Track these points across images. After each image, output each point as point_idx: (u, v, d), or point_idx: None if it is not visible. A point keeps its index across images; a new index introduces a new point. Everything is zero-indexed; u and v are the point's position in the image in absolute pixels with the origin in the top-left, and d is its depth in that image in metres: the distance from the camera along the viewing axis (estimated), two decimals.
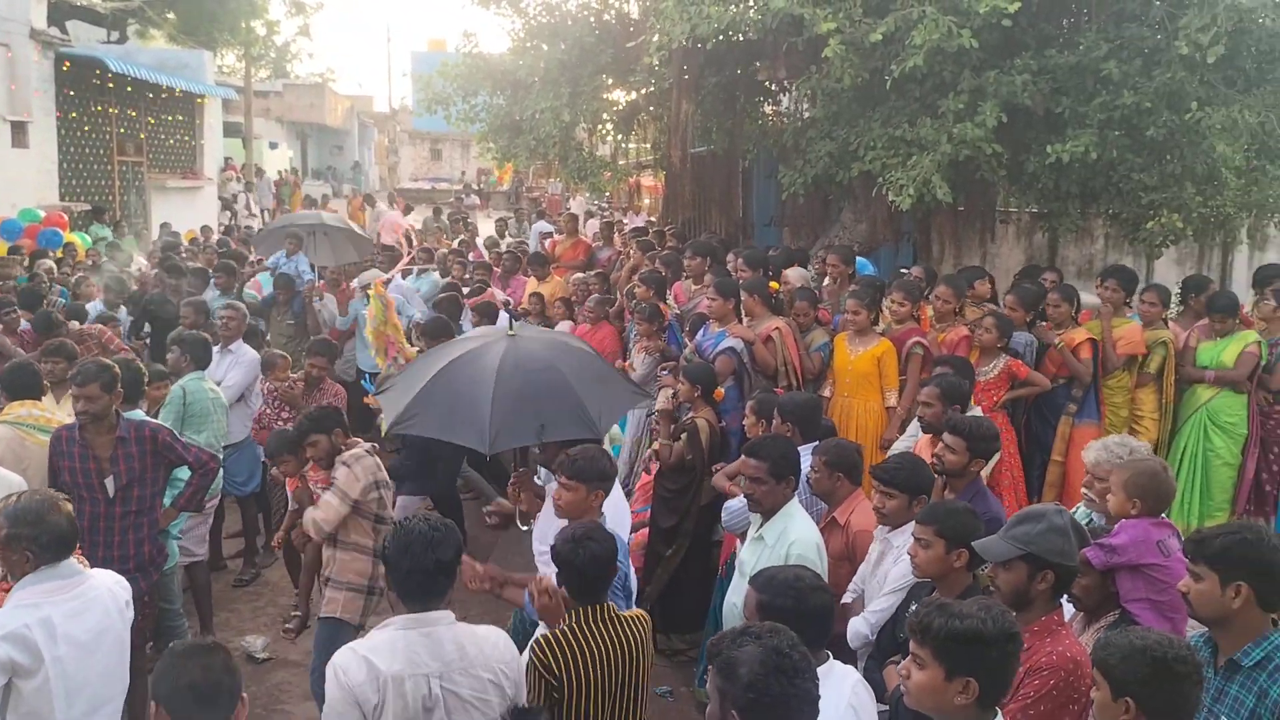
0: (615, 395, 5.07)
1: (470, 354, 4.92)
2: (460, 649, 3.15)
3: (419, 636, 3.11)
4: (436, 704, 3.08)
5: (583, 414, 4.63)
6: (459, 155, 49.74)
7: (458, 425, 4.72)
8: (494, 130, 10.92)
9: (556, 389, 4.68)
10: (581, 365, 4.98)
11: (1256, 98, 7.48)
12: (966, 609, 2.66)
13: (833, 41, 7.32)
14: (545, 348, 4.98)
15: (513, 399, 4.57)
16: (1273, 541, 3.06)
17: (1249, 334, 6.84)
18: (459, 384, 4.74)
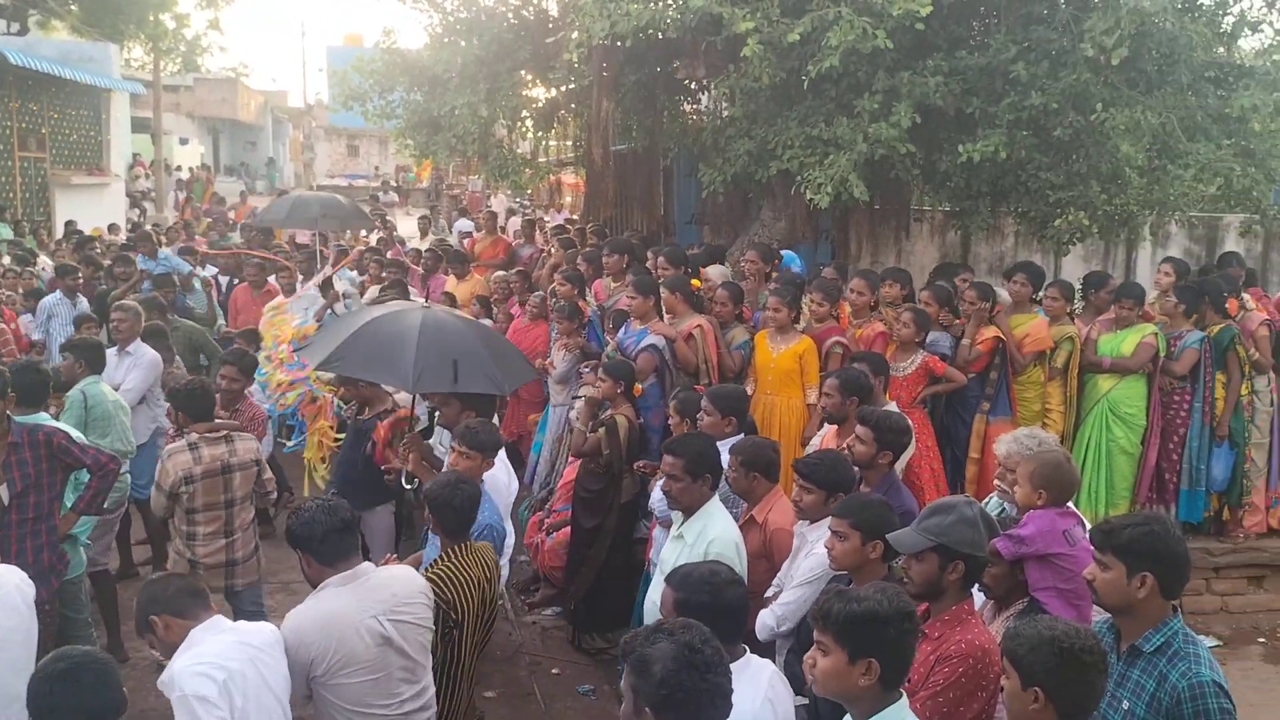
0: (516, 367, 5.76)
1: (391, 313, 5.56)
2: (390, 589, 3.65)
3: (359, 586, 3.58)
4: (391, 636, 3.56)
5: (491, 374, 5.27)
6: (377, 152, 48.99)
7: (382, 367, 5.34)
8: (411, 127, 10.77)
9: (470, 349, 5.32)
10: (489, 336, 5.70)
11: (1158, 99, 7.72)
12: (863, 593, 2.74)
13: (751, 41, 7.37)
14: (456, 318, 5.75)
15: (434, 349, 5.14)
16: (1176, 533, 3.16)
17: (1147, 326, 7.09)
18: (383, 335, 5.32)
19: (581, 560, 6.41)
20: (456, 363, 5.17)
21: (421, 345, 5.13)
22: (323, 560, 3.57)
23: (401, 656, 3.62)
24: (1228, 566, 7.57)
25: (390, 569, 3.82)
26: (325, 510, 3.59)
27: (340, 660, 3.49)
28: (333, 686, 3.53)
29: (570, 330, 7.74)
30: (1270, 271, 11.65)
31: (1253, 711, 5.69)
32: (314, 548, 3.56)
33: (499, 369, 5.43)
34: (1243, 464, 7.33)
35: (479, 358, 5.33)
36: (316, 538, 3.54)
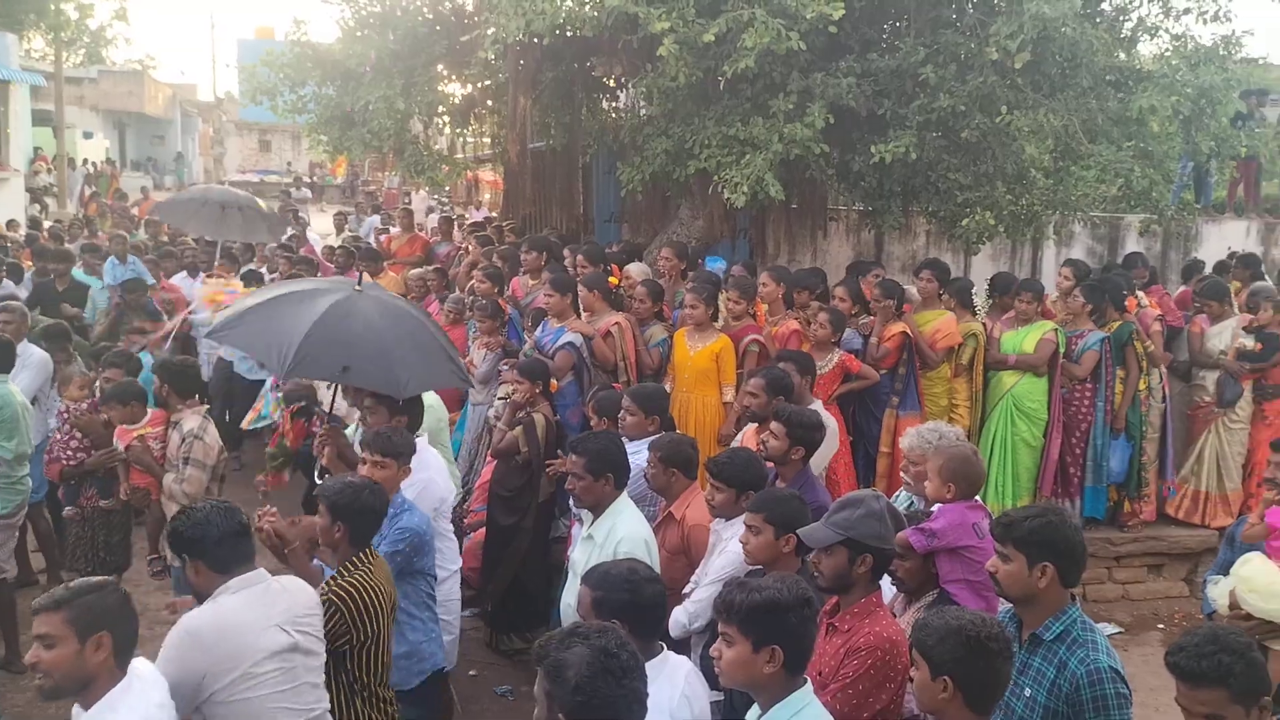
0: (432, 369, 5.22)
1: (310, 291, 5.16)
2: (289, 594, 3.45)
3: (260, 591, 3.35)
4: (298, 641, 3.36)
5: (389, 374, 4.84)
6: (290, 147, 48.00)
7: (262, 343, 4.98)
8: (324, 122, 10.53)
9: (372, 344, 4.86)
10: (410, 332, 5.12)
11: (1060, 102, 7.93)
12: (763, 582, 2.81)
13: (667, 41, 7.39)
14: (380, 308, 5.10)
15: (327, 338, 4.73)
16: (1074, 523, 3.27)
17: (1047, 324, 7.33)
18: (283, 312, 4.95)
19: (498, 560, 6.37)
20: (347, 369, 4.76)
21: (315, 331, 4.69)
22: (217, 567, 3.30)
23: (308, 657, 3.43)
24: (1128, 555, 7.84)
25: (283, 580, 3.55)
26: (220, 512, 3.34)
27: (241, 674, 3.20)
28: (232, 704, 3.21)
29: (491, 329, 7.69)
30: (1169, 270, 12.08)
31: (1152, 695, 5.88)
32: (208, 552, 3.29)
33: (406, 368, 4.93)
34: (1139, 456, 7.61)
35: (381, 355, 4.87)
36: (211, 541, 3.28)
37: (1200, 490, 7.85)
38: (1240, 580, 4.26)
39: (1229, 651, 2.70)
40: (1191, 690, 2.74)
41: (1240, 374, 7.62)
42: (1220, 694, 2.70)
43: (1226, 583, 4.36)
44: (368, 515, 3.85)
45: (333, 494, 3.83)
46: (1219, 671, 2.69)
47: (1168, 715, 5.83)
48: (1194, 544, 7.86)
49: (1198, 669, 2.71)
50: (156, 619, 6.75)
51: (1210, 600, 4.48)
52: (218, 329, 5.15)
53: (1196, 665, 2.71)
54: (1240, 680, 2.69)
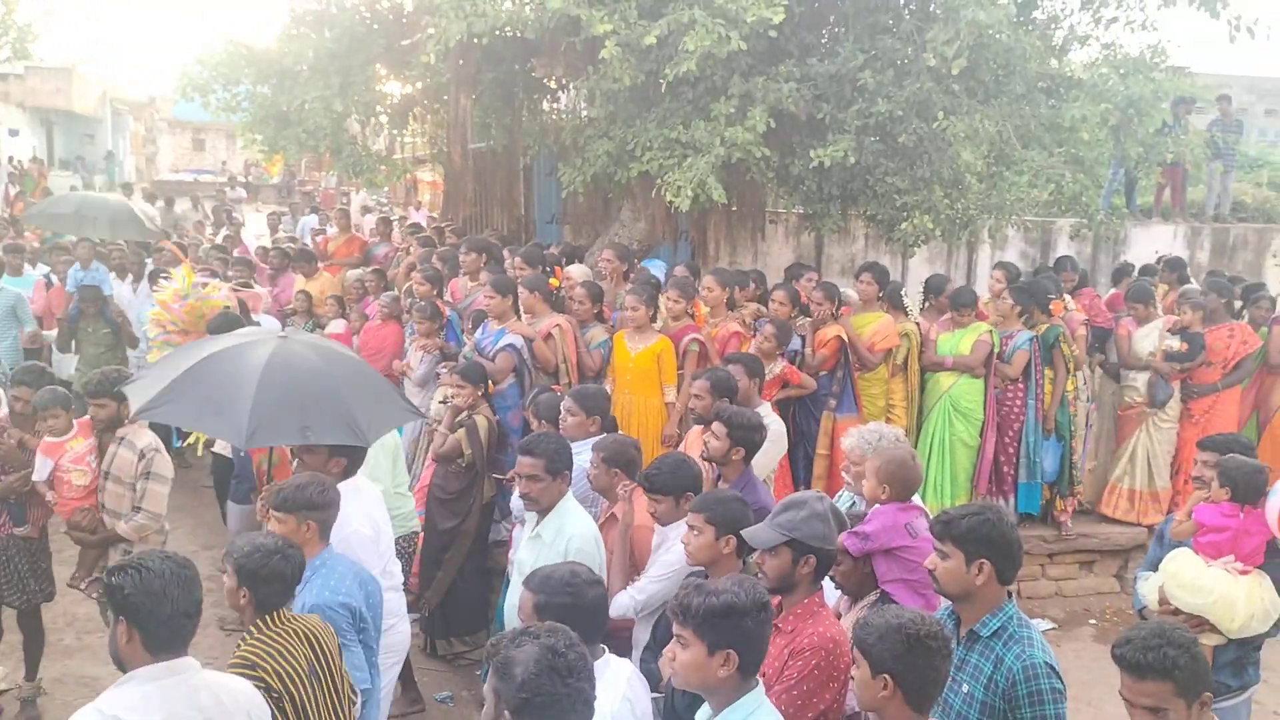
0: (386, 408, 4.86)
1: (235, 349, 4.67)
2: (214, 695, 2.93)
3: (173, 688, 2.84)
4: None
5: (351, 422, 4.42)
6: (224, 146, 47.11)
7: (212, 416, 4.48)
8: (259, 120, 10.35)
9: (325, 393, 4.47)
10: (354, 374, 4.78)
11: (995, 108, 8.08)
12: (722, 585, 2.80)
13: (609, 43, 7.38)
14: (316, 352, 4.73)
15: (277, 397, 4.34)
16: (1010, 521, 3.31)
17: (982, 325, 7.46)
18: (219, 376, 4.48)
19: (437, 564, 6.30)
20: (307, 428, 4.33)
21: (261, 391, 4.28)
22: (151, 645, 2.84)
23: None
24: (1061, 552, 8.00)
25: (222, 677, 3.06)
26: (180, 584, 2.85)
27: None
28: None
29: (429, 331, 7.61)
30: (1099, 273, 12.36)
31: (1084, 689, 6.01)
32: (148, 628, 2.82)
33: (364, 412, 4.53)
34: (1069, 455, 7.78)
35: (337, 403, 4.47)
36: (159, 618, 2.81)
37: (1134, 489, 8.04)
38: (1168, 576, 4.36)
39: (1174, 646, 2.76)
40: (1136, 682, 2.80)
41: (1170, 374, 7.82)
42: (1164, 687, 2.75)
43: (1156, 578, 4.45)
44: (274, 583, 3.36)
45: (240, 556, 3.37)
46: (1164, 665, 2.74)
47: (1099, 709, 5.98)
48: (1124, 541, 8.04)
49: (1143, 661, 2.76)
50: (86, 629, 6.60)
51: (1141, 596, 4.58)
52: (148, 407, 4.51)
53: (1142, 658, 2.76)
54: (1184, 674, 2.74)
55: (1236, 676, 4.37)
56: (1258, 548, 4.26)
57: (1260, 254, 13.54)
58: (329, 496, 3.94)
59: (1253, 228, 13.91)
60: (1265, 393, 8.37)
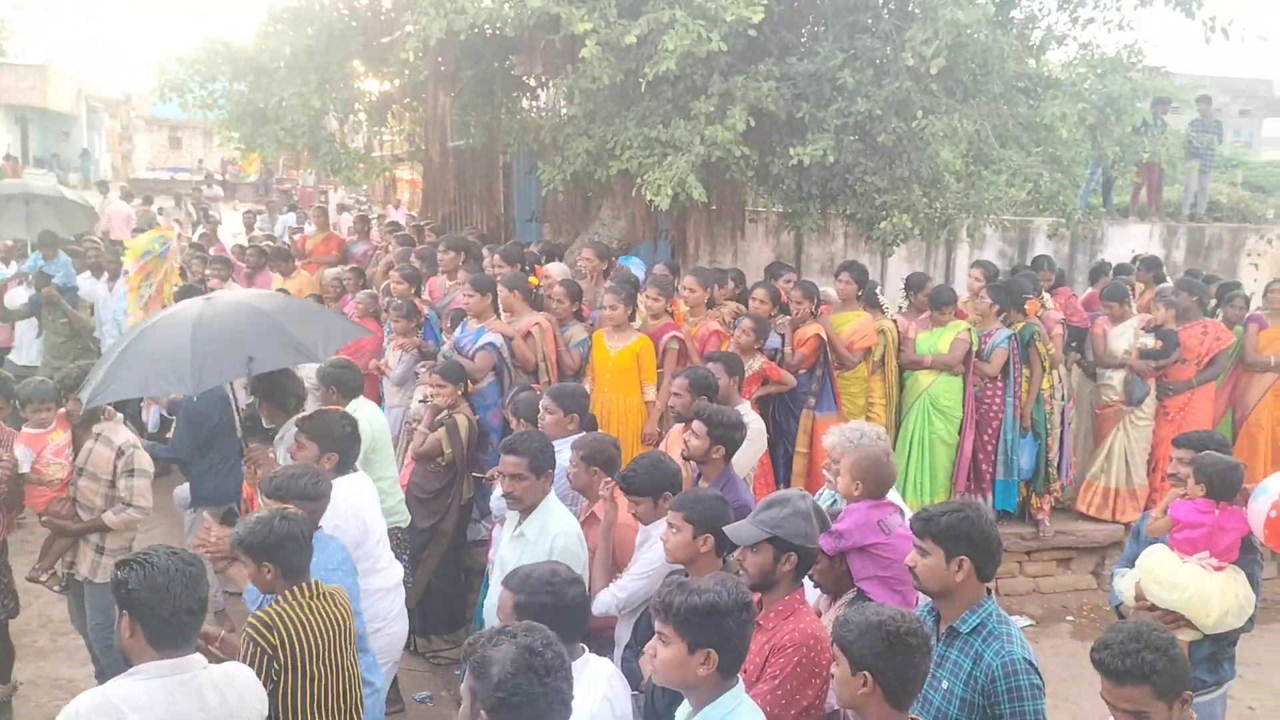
0: (330, 325, 5.06)
1: (163, 318, 4.94)
2: (220, 694, 2.94)
3: (178, 686, 2.86)
4: None
5: (294, 342, 4.62)
6: (201, 144, 46.69)
7: (155, 377, 4.69)
8: (236, 118, 10.26)
9: (260, 326, 4.65)
10: (284, 305, 5.00)
11: (973, 107, 8.11)
12: (704, 584, 2.80)
13: (589, 42, 7.37)
14: (245, 297, 5.06)
15: (213, 340, 4.52)
16: (989, 518, 3.33)
17: (960, 324, 7.50)
18: (153, 344, 4.68)
19: (416, 563, 6.28)
20: (252, 359, 4.49)
21: (197, 339, 4.46)
22: (155, 640, 2.86)
23: None
24: (1039, 550, 8.04)
25: (228, 669, 3.08)
26: (184, 581, 2.86)
27: None
28: None
29: (406, 330, 7.58)
30: (1076, 272, 12.44)
31: (1062, 686, 6.05)
32: (152, 624, 2.84)
33: (306, 332, 4.71)
34: (1045, 453, 7.82)
35: (274, 331, 4.63)
36: (162, 614, 2.83)
37: (1110, 486, 8.09)
38: (1145, 572, 4.39)
39: (1152, 649, 2.77)
40: (1116, 687, 2.81)
41: (1145, 372, 7.88)
42: (1143, 691, 2.77)
43: (1132, 575, 4.49)
44: (289, 545, 3.46)
45: (245, 536, 3.49)
46: (1142, 669, 2.75)
47: (1076, 705, 6.02)
48: (1101, 538, 8.10)
49: (1122, 667, 2.77)
50: (60, 630, 6.53)
51: (1117, 592, 4.61)
52: (95, 393, 4.67)
53: (1121, 663, 2.78)
54: (1163, 677, 2.76)
55: (1212, 672, 4.41)
56: (1232, 544, 4.30)
57: (1235, 253, 13.67)
58: (321, 488, 4.02)
59: (1227, 227, 14.05)
60: (1241, 390, 8.46)
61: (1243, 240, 13.76)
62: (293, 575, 3.49)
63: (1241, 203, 15.48)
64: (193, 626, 2.94)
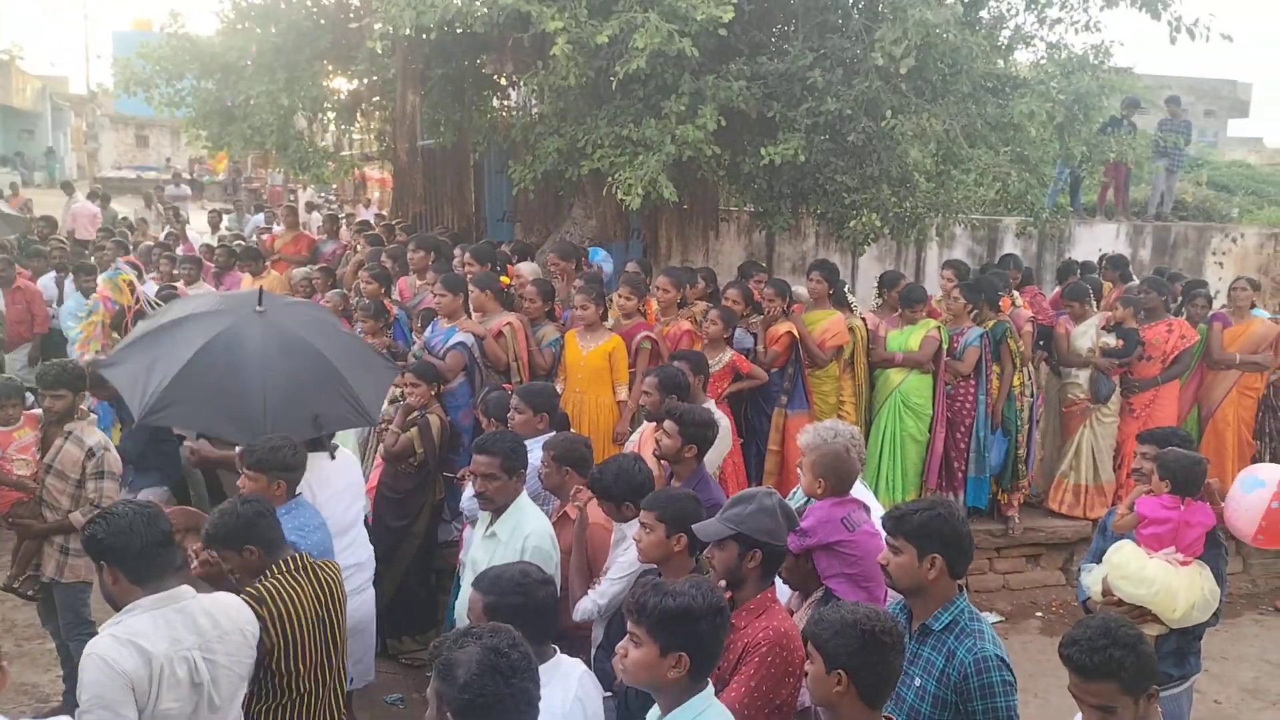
0: (378, 377, 4.98)
1: (226, 335, 4.58)
2: (212, 619, 3.23)
3: (174, 614, 3.15)
4: (203, 676, 3.15)
5: (356, 403, 4.55)
6: (168, 142, 46.20)
7: (224, 419, 4.50)
8: (203, 116, 10.15)
9: (327, 377, 4.52)
10: (344, 348, 4.83)
11: (942, 107, 8.14)
12: (679, 587, 2.80)
13: (559, 40, 7.34)
14: (304, 329, 4.73)
15: (284, 390, 4.37)
16: (961, 516, 3.34)
17: (930, 322, 7.56)
18: (219, 371, 4.43)
19: (387, 563, 6.23)
20: (318, 417, 4.40)
21: (270, 388, 4.25)
22: (134, 577, 3.13)
23: (210, 707, 3.18)
24: (1008, 546, 8.11)
25: (216, 596, 3.35)
26: (143, 518, 3.15)
27: (152, 700, 3.04)
28: None
29: (375, 330, 7.52)
30: (1044, 270, 12.55)
31: (1031, 681, 6.09)
32: (127, 562, 3.12)
33: (365, 389, 4.57)
34: (1015, 450, 7.89)
35: (340, 386, 4.47)
36: (133, 551, 3.11)
37: (1080, 484, 8.17)
38: (1112, 567, 4.43)
39: (1119, 645, 2.80)
40: (1084, 682, 2.83)
41: (1110, 370, 7.96)
42: (1111, 686, 2.80)
43: (1100, 570, 4.52)
44: (261, 523, 3.59)
45: (212, 530, 3.61)
46: (1110, 665, 2.78)
47: (1046, 700, 6.07)
48: (1069, 534, 8.17)
49: (1090, 663, 2.80)
50: (25, 635, 6.43)
51: (1085, 588, 4.65)
52: (153, 412, 4.46)
53: (1089, 659, 2.80)
54: (1130, 673, 2.79)
55: (1179, 666, 4.46)
56: (1198, 539, 4.35)
57: (1200, 252, 13.85)
58: (300, 458, 4.23)
59: (1193, 226, 14.22)
60: (1207, 387, 8.56)
61: (1208, 239, 13.93)
62: (273, 550, 3.61)
63: (1207, 202, 15.69)
64: (166, 559, 3.19)
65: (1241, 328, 8.45)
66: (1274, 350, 8.37)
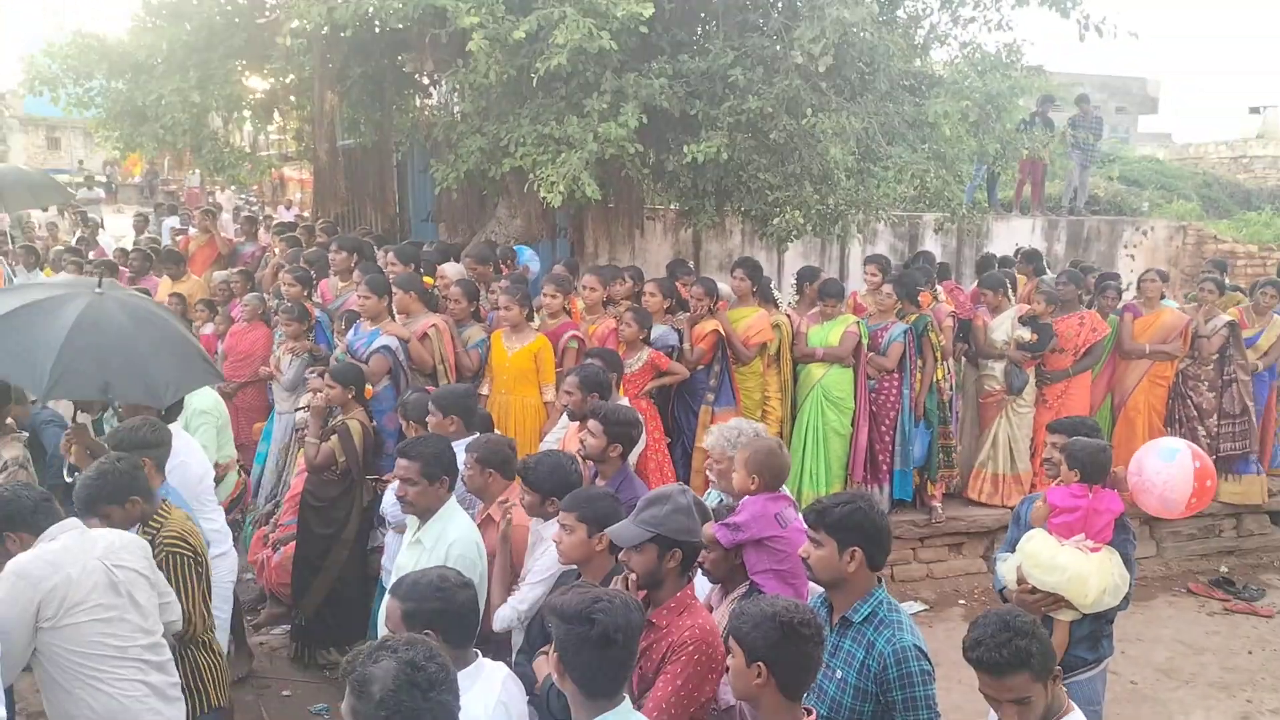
0: (189, 371, 5.18)
1: (50, 301, 4.90)
2: (107, 538, 3.63)
3: (73, 540, 3.56)
4: (118, 580, 3.54)
5: (150, 383, 4.83)
6: (81, 144, 44.76)
7: (15, 365, 4.74)
8: (113, 117, 9.89)
9: (129, 355, 4.80)
10: (162, 337, 5.08)
11: (861, 105, 8.26)
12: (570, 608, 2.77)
13: (476, 36, 7.27)
14: (128, 313, 4.98)
15: (81, 352, 4.61)
16: (880, 509, 3.38)
17: (849, 317, 7.67)
18: (30, 327, 4.71)
19: (313, 571, 6.12)
20: (109, 384, 4.68)
21: (66, 346, 4.54)
22: (35, 530, 3.58)
23: (131, 603, 3.57)
24: (931, 536, 8.25)
25: (99, 530, 3.73)
26: (22, 487, 3.68)
27: (70, 600, 3.42)
28: (61, 629, 3.43)
29: (297, 333, 7.39)
30: (963, 265, 12.81)
31: (954, 668, 6.13)
32: (26, 520, 3.58)
33: (165, 373, 4.90)
34: (938, 441, 8.03)
35: (139, 364, 4.81)
36: (26, 510, 3.59)
37: (997, 473, 8.34)
38: (1025, 556, 4.52)
39: (1022, 635, 2.85)
40: (998, 680, 2.88)
41: (1022, 362, 8.14)
42: (1024, 677, 2.85)
43: (1014, 559, 4.61)
44: (139, 474, 3.96)
45: (82, 490, 3.87)
46: (1020, 656, 2.83)
47: (969, 686, 6.14)
48: (990, 522, 8.33)
49: (1000, 658, 2.85)
50: None
51: (1000, 576, 4.73)
52: None
53: (999, 655, 2.85)
54: (1038, 659, 2.85)
55: (1092, 650, 4.56)
56: (1107, 525, 4.46)
57: (1113, 245, 14.27)
58: (162, 435, 4.52)
59: (1105, 220, 14.65)
60: (1119, 377, 8.79)
61: (1120, 232, 14.36)
62: (152, 498, 4.02)
63: (1118, 197, 16.16)
64: (53, 508, 3.66)
65: (1152, 318, 8.70)
66: (1183, 339, 8.63)
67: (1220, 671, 7.01)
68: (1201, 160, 20.79)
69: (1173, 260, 14.39)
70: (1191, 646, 7.38)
